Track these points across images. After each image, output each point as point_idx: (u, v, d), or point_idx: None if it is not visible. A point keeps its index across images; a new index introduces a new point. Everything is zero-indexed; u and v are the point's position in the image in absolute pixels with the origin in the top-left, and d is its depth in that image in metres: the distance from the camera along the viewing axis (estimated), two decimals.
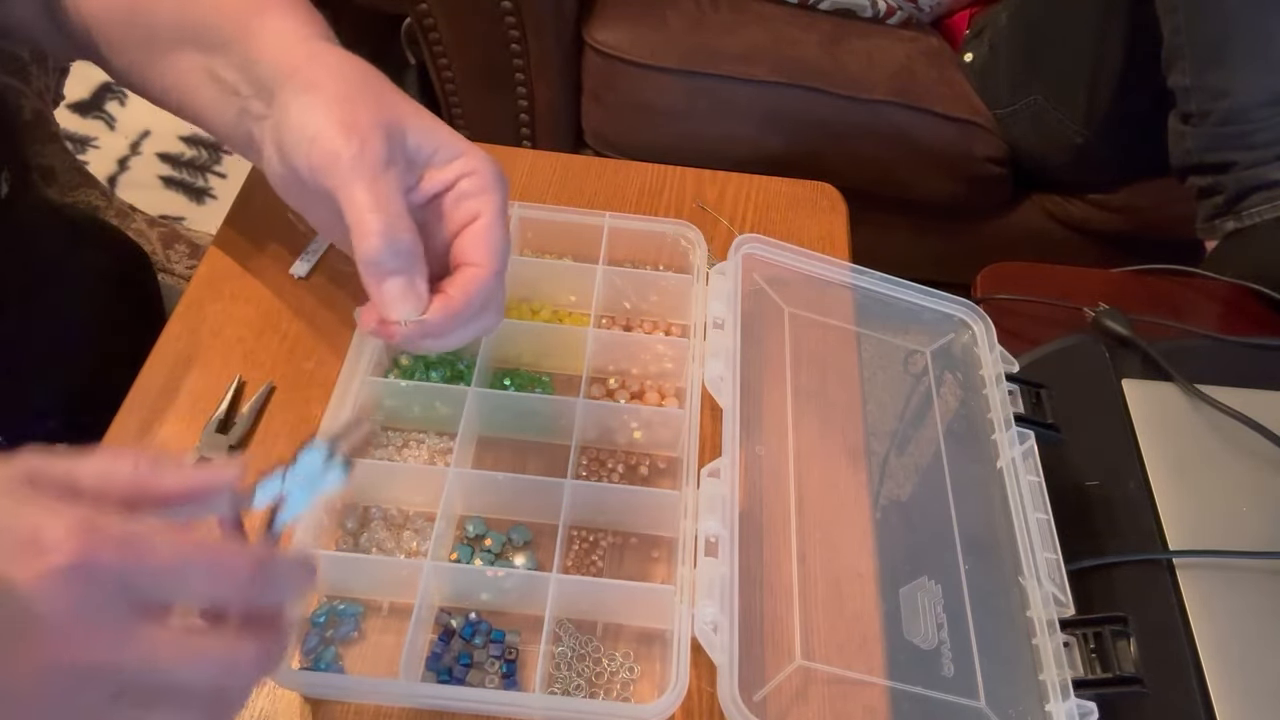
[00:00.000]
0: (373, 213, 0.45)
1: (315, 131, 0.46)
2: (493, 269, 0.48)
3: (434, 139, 0.49)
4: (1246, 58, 1.01)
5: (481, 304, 0.48)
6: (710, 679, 0.49)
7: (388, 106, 0.48)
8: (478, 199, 0.49)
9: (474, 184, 0.49)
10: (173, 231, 0.93)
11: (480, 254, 0.48)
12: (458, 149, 0.49)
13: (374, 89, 0.49)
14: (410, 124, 0.48)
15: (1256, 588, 0.60)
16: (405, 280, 0.46)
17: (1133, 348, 0.72)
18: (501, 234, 0.49)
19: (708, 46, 1.36)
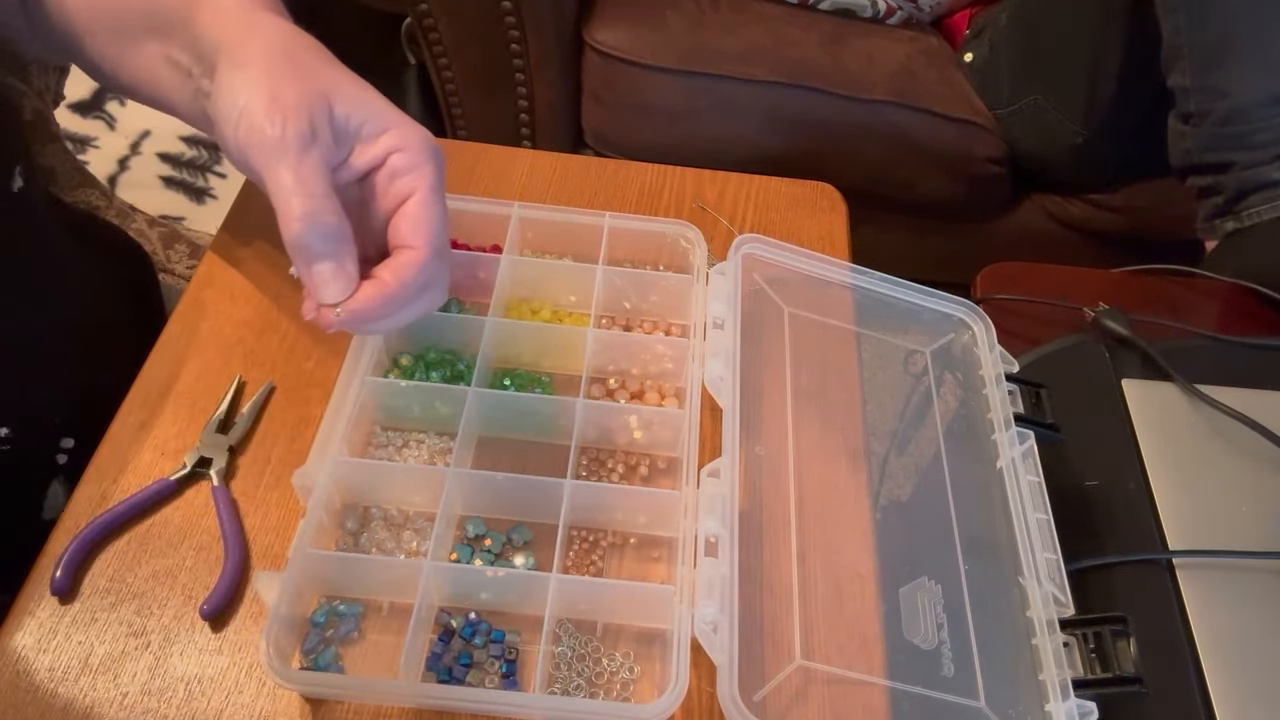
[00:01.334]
0: (296, 196, 0.44)
1: (240, 110, 0.45)
2: (428, 250, 0.47)
3: (362, 110, 0.47)
4: (1246, 58, 1.01)
5: (420, 286, 0.47)
6: (710, 679, 0.49)
7: (314, 78, 0.46)
8: (410, 176, 0.47)
9: (405, 160, 0.47)
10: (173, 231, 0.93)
11: (415, 235, 0.47)
12: (386, 121, 0.47)
13: (303, 61, 0.47)
14: (337, 94, 0.46)
15: (1256, 588, 0.60)
16: (334, 264, 0.45)
17: (1133, 348, 0.72)
18: (436, 212, 0.47)
19: (708, 46, 1.36)
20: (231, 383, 0.61)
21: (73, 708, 0.49)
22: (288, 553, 0.50)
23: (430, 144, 0.48)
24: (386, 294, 0.46)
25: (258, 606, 0.53)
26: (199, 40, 0.51)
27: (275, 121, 0.44)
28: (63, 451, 0.65)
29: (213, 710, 0.50)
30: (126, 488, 0.57)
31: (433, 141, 0.48)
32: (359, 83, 0.48)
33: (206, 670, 0.51)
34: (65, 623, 0.52)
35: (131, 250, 0.83)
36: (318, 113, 0.45)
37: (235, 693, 0.50)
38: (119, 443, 0.59)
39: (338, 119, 0.46)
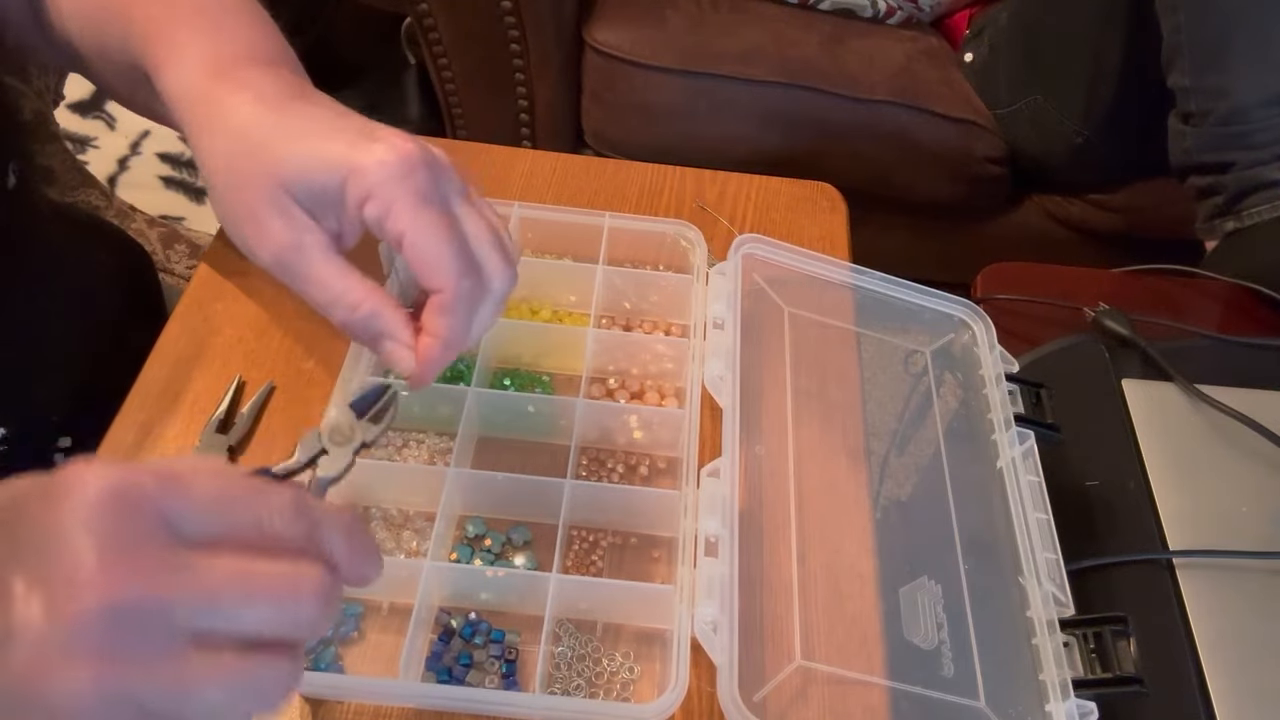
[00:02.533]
0: (326, 309, 0.45)
1: (231, 232, 0.46)
2: (451, 285, 0.44)
3: (315, 180, 0.44)
4: (1246, 58, 1.01)
5: (468, 313, 0.45)
6: (710, 679, 0.49)
7: (264, 172, 0.44)
8: (389, 222, 0.43)
9: (376, 209, 0.43)
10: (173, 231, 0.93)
11: (430, 277, 0.44)
12: (338, 174, 0.43)
13: (249, 153, 0.45)
14: (289, 177, 0.44)
15: (1256, 588, 0.60)
16: (391, 344, 0.45)
17: (1133, 348, 0.72)
18: (434, 243, 0.43)
19: (708, 46, 1.36)
20: (231, 383, 0.61)
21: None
22: None
23: (391, 168, 0.43)
24: (443, 346, 0.45)
25: None
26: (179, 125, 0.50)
27: (263, 243, 0.44)
28: (60, 451, 0.65)
29: None
30: None
31: (392, 162, 0.43)
32: (300, 135, 0.45)
33: None
34: None
35: (131, 250, 0.83)
36: (286, 210, 0.44)
37: None
38: (119, 443, 0.59)
39: (302, 200, 0.44)
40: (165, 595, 0.29)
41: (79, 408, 0.65)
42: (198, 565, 0.29)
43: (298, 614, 0.31)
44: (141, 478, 0.30)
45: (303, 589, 0.31)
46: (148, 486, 0.30)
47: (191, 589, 0.29)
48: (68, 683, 0.28)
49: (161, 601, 0.29)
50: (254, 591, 0.30)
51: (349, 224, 0.45)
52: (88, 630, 0.28)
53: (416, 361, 0.45)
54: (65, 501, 0.29)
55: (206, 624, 0.29)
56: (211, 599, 0.29)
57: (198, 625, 0.29)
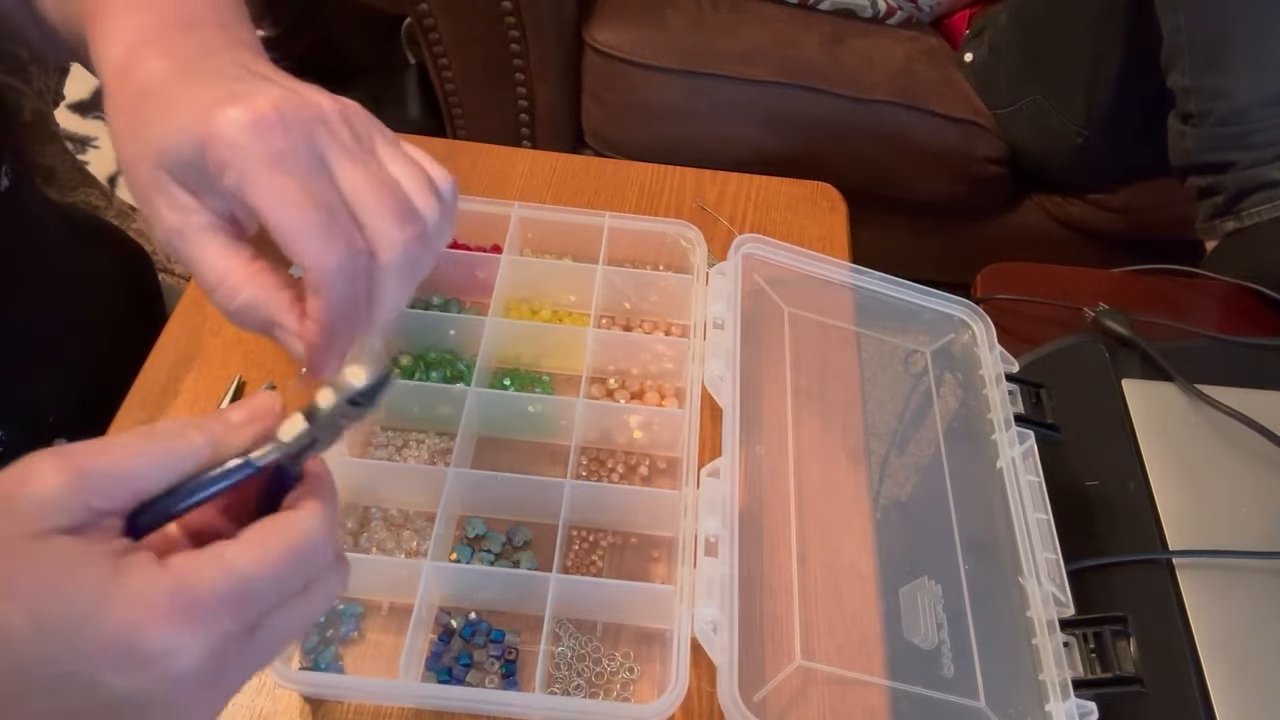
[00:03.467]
0: (210, 293, 0.40)
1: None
2: (312, 260, 0.37)
3: (180, 153, 0.38)
4: (1246, 58, 1.01)
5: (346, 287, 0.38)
6: (710, 679, 0.49)
7: (142, 150, 0.40)
8: (246, 192, 0.37)
9: (230, 181, 0.37)
10: None
11: (293, 254, 0.37)
12: (195, 141, 0.37)
13: (134, 130, 0.40)
14: (163, 155, 0.39)
15: (1256, 588, 0.60)
16: (278, 330, 0.40)
17: (1133, 348, 0.72)
18: (290, 212, 0.37)
19: (708, 46, 1.36)
20: (231, 383, 0.61)
21: None
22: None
23: (238, 130, 0.37)
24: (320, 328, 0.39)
25: None
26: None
27: (152, 228, 0.41)
28: None
29: None
30: None
31: (241, 122, 0.37)
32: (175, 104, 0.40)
33: None
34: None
35: (131, 250, 0.83)
36: (166, 192, 0.39)
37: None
38: None
39: (179, 178, 0.39)
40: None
41: (78, 408, 0.65)
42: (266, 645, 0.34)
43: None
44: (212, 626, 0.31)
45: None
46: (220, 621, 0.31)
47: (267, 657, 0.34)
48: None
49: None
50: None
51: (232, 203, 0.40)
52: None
53: (307, 349, 0.40)
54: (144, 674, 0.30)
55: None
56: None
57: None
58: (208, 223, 0.40)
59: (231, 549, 0.32)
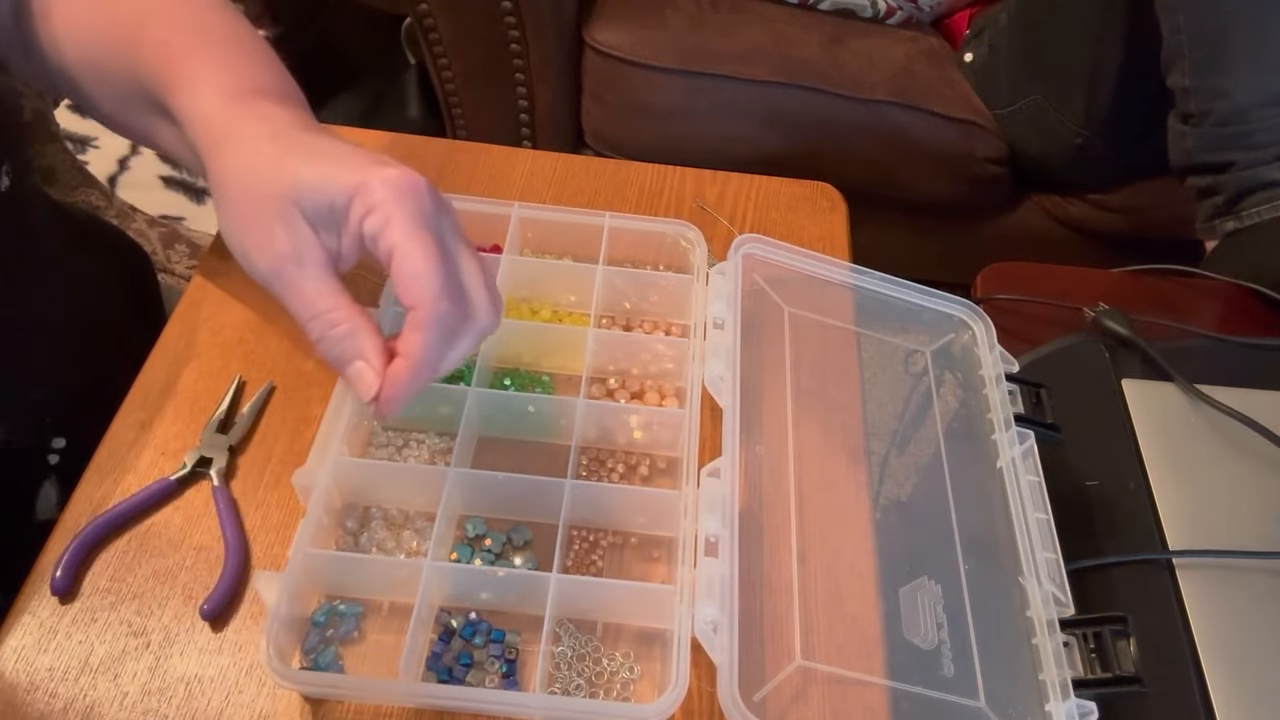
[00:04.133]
0: (308, 321, 0.45)
1: (234, 244, 0.47)
2: (429, 304, 0.44)
3: (326, 193, 0.45)
4: (1246, 58, 1.01)
5: (439, 340, 0.45)
6: (710, 679, 0.49)
7: (277, 182, 0.45)
8: (384, 236, 0.44)
9: (374, 223, 0.45)
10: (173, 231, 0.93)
11: (408, 294, 0.44)
12: (349, 189, 0.45)
13: (264, 166, 0.46)
14: (300, 189, 0.45)
15: (1256, 588, 0.60)
16: (360, 364, 0.45)
17: (1133, 348, 0.72)
18: (419, 260, 0.44)
19: (708, 46, 1.36)
20: (231, 383, 0.61)
21: (73, 707, 0.49)
22: (288, 553, 0.50)
23: (397, 188, 0.45)
24: (411, 369, 0.45)
25: (258, 606, 0.53)
26: (193, 147, 0.51)
27: (264, 252, 0.45)
28: (54, 452, 0.65)
29: (213, 710, 0.50)
30: (127, 488, 0.57)
31: (400, 181, 0.45)
32: (317, 156, 0.47)
33: (207, 670, 0.51)
34: (65, 623, 0.52)
35: (131, 250, 0.83)
36: (292, 222, 0.45)
37: (235, 692, 0.50)
38: (119, 443, 0.59)
39: (309, 214, 0.45)
40: None
41: (77, 408, 0.65)
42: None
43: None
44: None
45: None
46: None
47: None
48: None
49: None
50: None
51: (349, 242, 0.46)
52: None
53: (384, 383, 0.45)
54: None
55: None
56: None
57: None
58: (322, 257, 0.46)
59: None
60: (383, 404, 0.45)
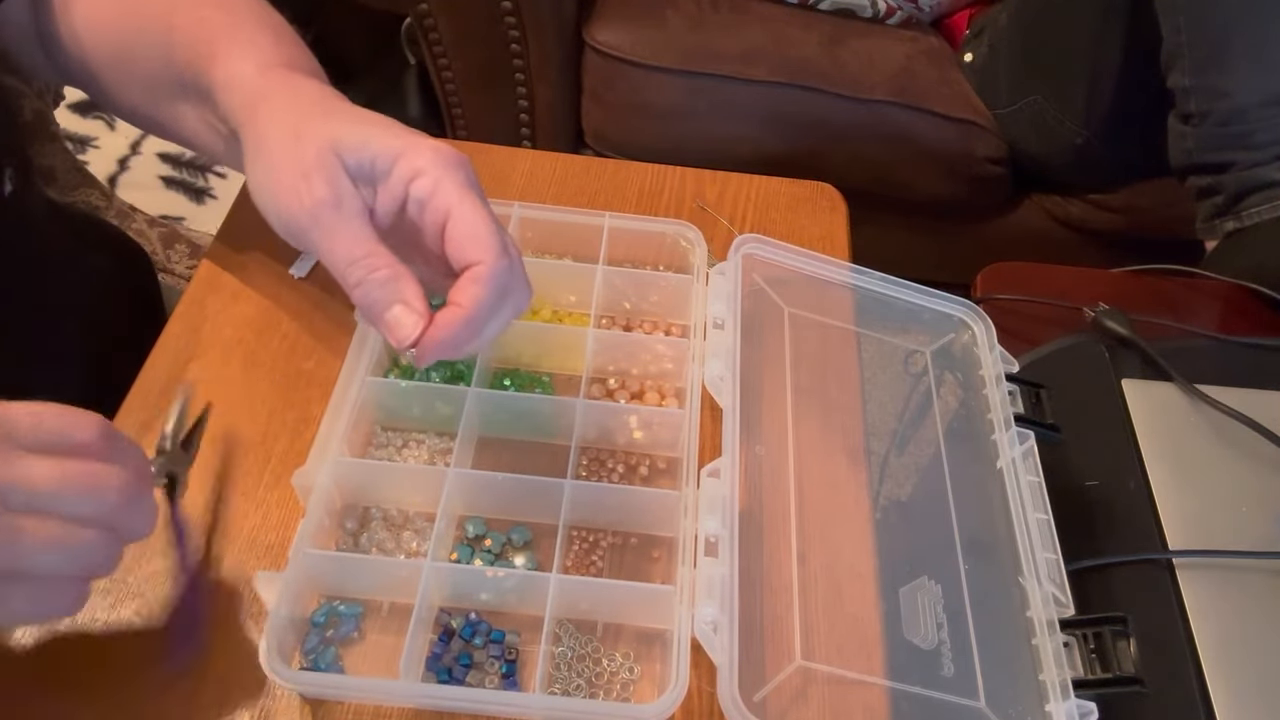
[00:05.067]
0: (345, 264, 0.46)
1: (270, 196, 0.47)
2: (491, 260, 0.46)
3: (368, 148, 0.47)
4: (1246, 58, 1.01)
5: (496, 297, 0.47)
6: (710, 679, 0.49)
7: (318, 137, 0.47)
8: (437, 198, 0.47)
9: (424, 185, 0.47)
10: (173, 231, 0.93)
11: (472, 250, 0.46)
12: (394, 150, 0.47)
13: (306, 124, 0.48)
14: (343, 144, 0.47)
15: (1256, 588, 0.60)
16: (401, 307, 0.46)
17: (1133, 348, 0.72)
18: (479, 219, 0.46)
19: (708, 46, 1.36)
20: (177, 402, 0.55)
21: (73, 707, 0.49)
22: (288, 553, 0.50)
23: (444, 156, 0.47)
24: (466, 317, 0.46)
25: (258, 606, 0.53)
26: (226, 119, 0.52)
27: (302, 199, 0.46)
28: None
29: (213, 710, 0.50)
30: None
31: (446, 151, 0.47)
32: (359, 119, 0.49)
33: (206, 670, 0.51)
34: (65, 623, 0.52)
35: (131, 250, 0.83)
36: (333, 170, 0.46)
37: (235, 693, 0.50)
38: None
39: (351, 167, 0.47)
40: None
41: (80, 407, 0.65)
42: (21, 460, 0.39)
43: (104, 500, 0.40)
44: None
45: (109, 480, 0.40)
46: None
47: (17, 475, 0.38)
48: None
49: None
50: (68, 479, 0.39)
51: (386, 202, 0.48)
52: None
53: (434, 328, 0.46)
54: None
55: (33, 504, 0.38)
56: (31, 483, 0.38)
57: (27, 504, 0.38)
58: (360, 206, 0.47)
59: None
60: (424, 349, 0.46)
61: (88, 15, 0.58)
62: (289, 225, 0.47)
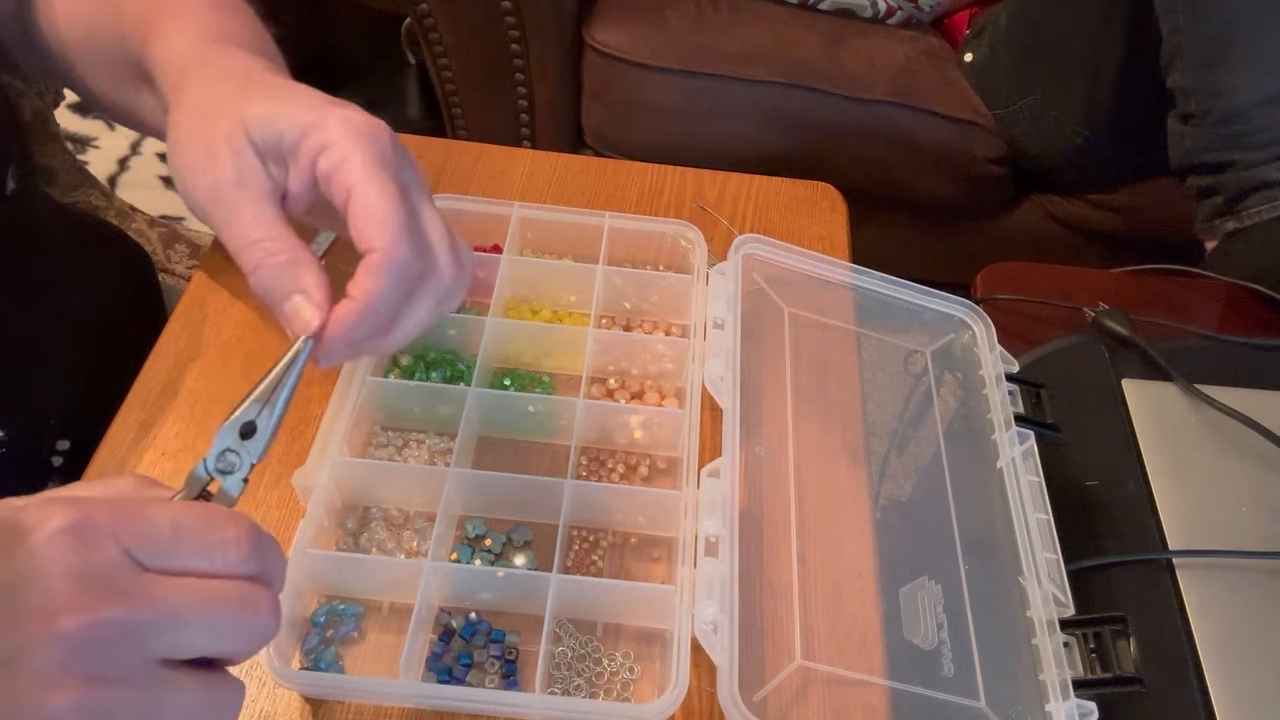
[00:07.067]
0: (242, 248, 0.42)
1: (177, 171, 0.45)
2: (387, 246, 0.41)
3: (276, 124, 0.43)
4: (1246, 58, 1.01)
5: (398, 285, 0.42)
6: (710, 679, 0.49)
7: (228, 111, 0.44)
8: (340, 173, 0.42)
9: (330, 159, 0.42)
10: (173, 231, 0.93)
11: (366, 236, 0.41)
12: (303, 124, 0.43)
13: (219, 99, 0.45)
14: (249, 118, 0.43)
15: (1256, 588, 0.60)
16: (300, 297, 0.42)
17: (1133, 348, 0.72)
18: (381, 201, 0.41)
19: (708, 46, 1.36)
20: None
21: None
22: (288, 553, 0.50)
23: (353, 127, 0.42)
24: (358, 311, 0.41)
25: None
26: (162, 94, 0.50)
27: (204, 177, 0.43)
28: (58, 454, 0.65)
29: None
30: None
31: (357, 121, 0.43)
32: (274, 93, 0.45)
33: None
34: None
35: (131, 250, 0.83)
36: (238, 147, 0.43)
37: None
38: (119, 443, 0.59)
39: (258, 143, 0.43)
40: (136, 615, 0.30)
41: (78, 410, 0.65)
42: (160, 588, 0.31)
43: (255, 630, 0.33)
44: (96, 513, 0.31)
45: (261, 607, 0.33)
46: (103, 521, 0.31)
47: (158, 609, 0.31)
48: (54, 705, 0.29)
49: (133, 621, 0.30)
50: (214, 610, 0.32)
51: (298, 179, 0.44)
52: (71, 653, 0.30)
53: (328, 323, 0.42)
54: (27, 540, 0.30)
55: (172, 642, 0.31)
56: (176, 617, 0.31)
57: (165, 644, 0.31)
58: (266, 185, 0.43)
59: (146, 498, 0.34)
60: (322, 350, 0.42)
61: (65, 2, 0.58)
62: (193, 204, 0.44)
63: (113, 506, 0.32)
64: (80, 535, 0.30)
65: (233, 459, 0.39)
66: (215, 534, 0.33)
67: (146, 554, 0.32)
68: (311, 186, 0.44)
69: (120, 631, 0.30)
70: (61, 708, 0.29)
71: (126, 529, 0.32)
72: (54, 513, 0.31)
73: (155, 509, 0.33)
